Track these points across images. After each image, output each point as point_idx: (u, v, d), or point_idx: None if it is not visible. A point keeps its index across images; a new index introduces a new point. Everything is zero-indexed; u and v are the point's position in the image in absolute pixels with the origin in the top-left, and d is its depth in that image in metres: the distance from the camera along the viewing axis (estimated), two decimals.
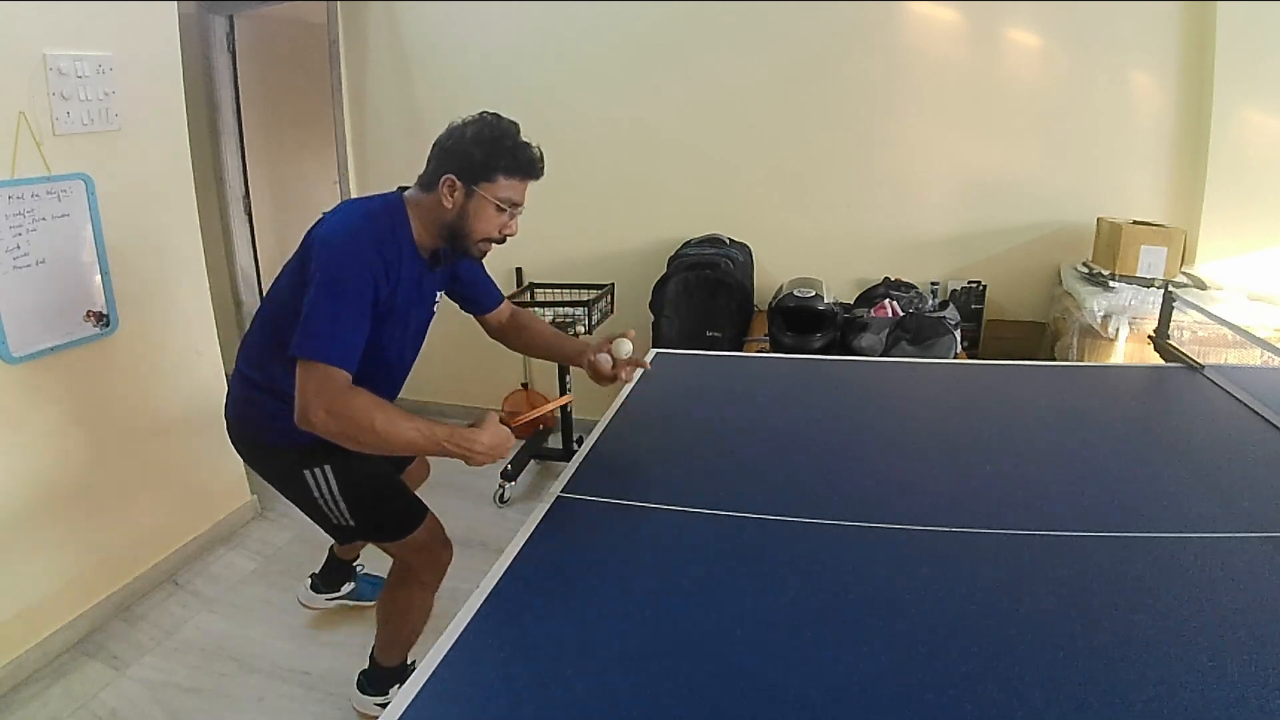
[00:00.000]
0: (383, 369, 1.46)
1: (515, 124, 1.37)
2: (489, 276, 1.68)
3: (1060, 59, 2.65)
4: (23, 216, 1.86)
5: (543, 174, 1.40)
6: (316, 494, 1.50)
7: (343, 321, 1.24)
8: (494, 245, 1.43)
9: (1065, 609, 0.95)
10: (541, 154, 1.39)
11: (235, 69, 3.53)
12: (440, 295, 1.56)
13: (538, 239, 3.24)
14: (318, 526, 1.62)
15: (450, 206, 1.35)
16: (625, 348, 1.51)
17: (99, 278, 2.07)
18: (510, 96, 3.11)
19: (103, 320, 2.09)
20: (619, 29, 2.99)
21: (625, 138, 3.09)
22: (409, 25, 3.25)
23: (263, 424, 1.48)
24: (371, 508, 1.55)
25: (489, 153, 1.33)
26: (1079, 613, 0.94)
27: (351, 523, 1.54)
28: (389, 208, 1.37)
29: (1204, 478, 1.32)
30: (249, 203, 3.68)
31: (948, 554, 1.09)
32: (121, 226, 2.13)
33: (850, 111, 2.85)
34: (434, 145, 1.39)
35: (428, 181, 1.38)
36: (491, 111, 1.37)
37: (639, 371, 1.62)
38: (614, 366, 1.52)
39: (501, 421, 1.33)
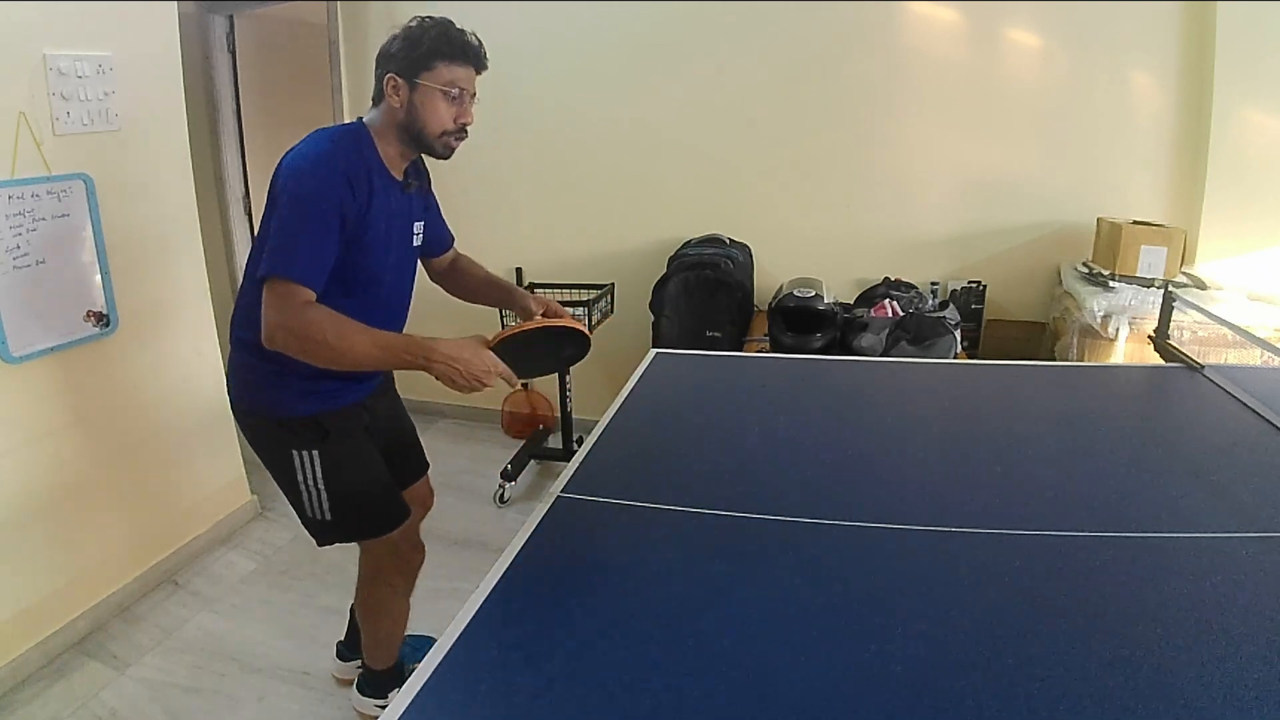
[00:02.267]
0: (379, 299, 1.44)
1: (447, 19, 1.38)
2: (443, 218, 1.68)
3: (1060, 59, 2.65)
4: (23, 216, 1.86)
5: (485, 62, 1.40)
6: (299, 477, 1.46)
7: (307, 239, 1.23)
8: (456, 139, 1.41)
9: (1065, 609, 0.95)
10: (480, 42, 1.40)
11: (235, 69, 3.53)
12: (420, 230, 1.53)
13: (538, 239, 3.25)
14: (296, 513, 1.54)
15: (398, 105, 1.36)
16: None
17: (99, 278, 2.07)
18: (511, 96, 3.11)
19: (103, 320, 2.09)
20: (619, 29, 2.99)
21: (625, 138, 3.09)
22: None
23: (257, 391, 1.45)
24: (352, 506, 1.50)
25: (421, 42, 1.34)
26: (1078, 612, 0.94)
27: (328, 516, 1.49)
28: (351, 131, 1.38)
29: (1204, 478, 1.32)
30: (249, 203, 3.68)
31: (948, 554, 1.09)
32: (121, 226, 2.13)
33: (850, 111, 2.85)
34: (374, 60, 1.40)
35: (375, 95, 1.40)
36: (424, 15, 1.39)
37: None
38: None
39: (484, 344, 1.27)
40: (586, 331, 1.40)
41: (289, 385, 1.41)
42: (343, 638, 1.94)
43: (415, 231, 1.52)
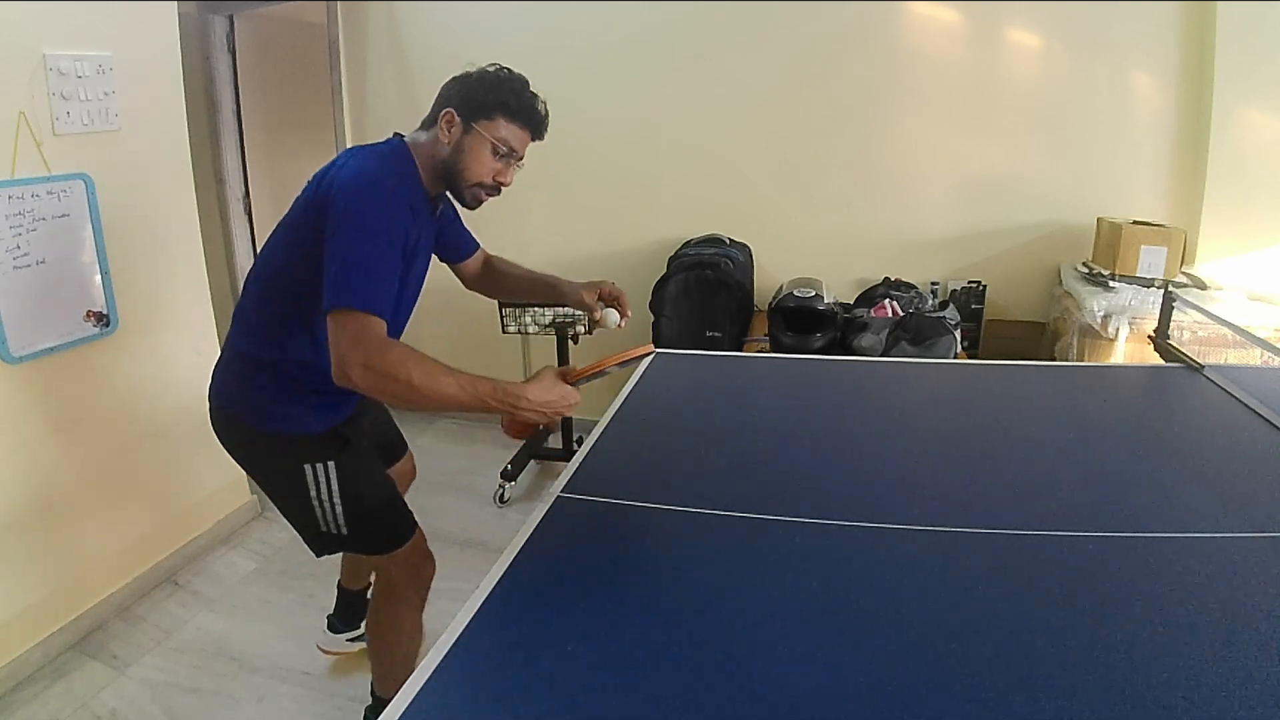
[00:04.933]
0: (392, 323, 1.39)
1: (525, 78, 1.35)
2: (462, 222, 1.63)
3: (1060, 59, 2.65)
4: (23, 216, 1.86)
5: (545, 133, 1.37)
6: (313, 492, 1.40)
7: (376, 269, 1.17)
8: (486, 194, 1.37)
9: (1064, 609, 0.95)
10: (547, 113, 1.36)
11: (235, 69, 3.53)
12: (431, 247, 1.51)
13: (538, 239, 3.25)
14: (298, 533, 1.50)
15: (446, 142, 1.32)
16: (612, 319, 1.57)
17: (99, 278, 2.07)
18: None
19: (103, 320, 2.09)
20: (619, 29, 2.99)
21: (625, 138, 3.09)
22: (409, 25, 3.25)
23: (262, 408, 1.38)
24: (368, 515, 1.45)
25: (493, 92, 1.31)
26: (1078, 613, 0.94)
27: (344, 529, 1.43)
28: (398, 151, 1.33)
29: (1204, 478, 1.32)
30: (249, 203, 3.68)
31: (948, 554, 1.09)
32: (121, 226, 2.13)
33: (850, 111, 2.85)
34: (440, 87, 1.36)
35: (429, 121, 1.35)
36: (504, 65, 1.36)
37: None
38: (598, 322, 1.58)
39: (563, 378, 1.24)
40: (653, 349, 1.43)
41: (304, 401, 1.37)
42: (332, 610, 1.97)
43: (431, 249, 1.49)
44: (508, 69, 1.35)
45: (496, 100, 1.31)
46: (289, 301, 1.32)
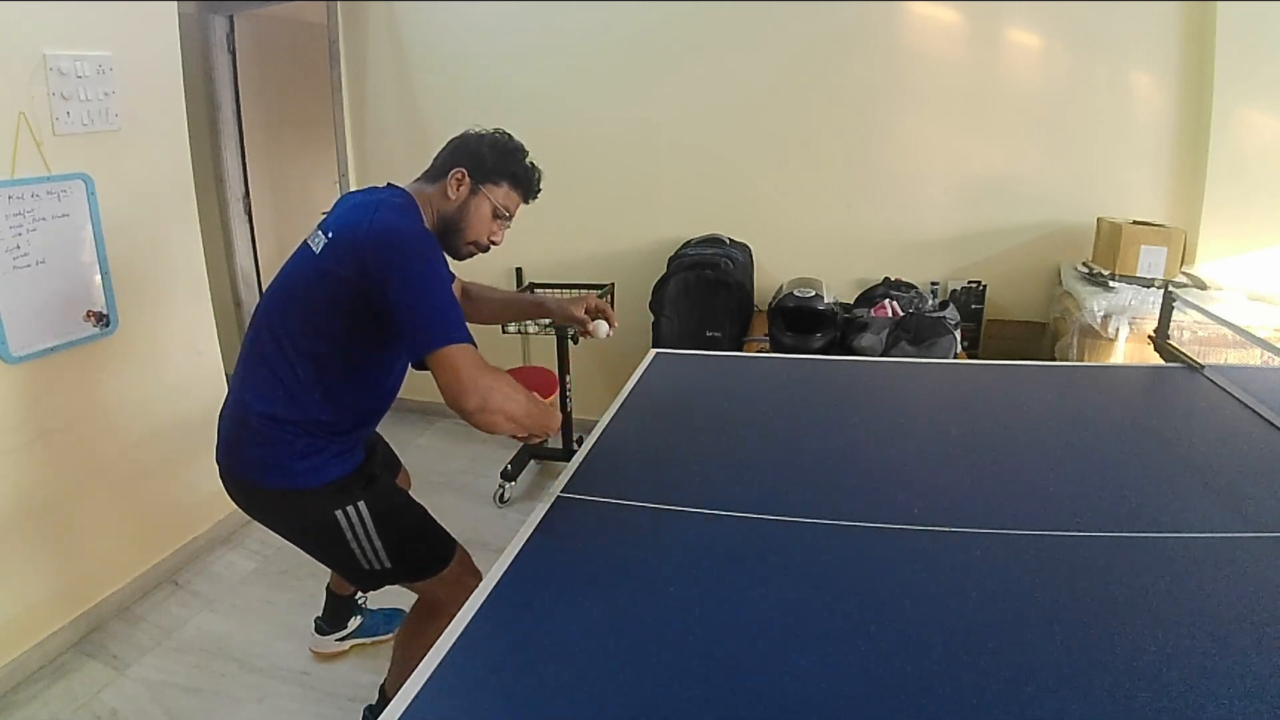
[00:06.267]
0: (392, 372, 1.46)
1: (524, 148, 1.47)
2: None
3: (1060, 59, 2.65)
4: (23, 216, 1.86)
5: (536, 199, 1.49)
6: (350, 535, 1.39)
7: (457, 309, 1.23)
8: (477, 250, 1.46)
9: (1064, 609, 0.95)
10: (540, 180, 1.48)
11: (235, 69, 3.54)
12: None
13: (538, 239, 3.25)
14: (344, 577, 1.53)
15: (453, 199, 1.40)
16: (602, 330, 1.66)
17: (99, 278, 2.08)
18: (510, 96, 3.11)
19: (103, 320, 2.09)
20: (619, 29, 2.99)
21: (625, 138, 3.09)
22: (409, 25, 3.26)
23: (289, 467, 1.37)
24: (407, 543, 1.46)
25: (502, 159, 1.42)
26: (1078, 612, 0.94)
27: (387, 563, 1.43)
28: (410, 202, 1.39)
29: (1204, 478, 1.32)
30: (249, 203, 3.69)
31: (948, 554, 1.09)
32: (121, 226, 2.13)
33: (850, 111, 2.85)
34: (449, 142, 1.45)
35: (435, 174, 1.43)
36: (506, 130, 1.48)
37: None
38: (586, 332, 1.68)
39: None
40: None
41: (325, 450, 1.38)
42: (320, 614, 1.99)
43: None
44: (508, 134, 1.46)
45: (506, 169, 1.42)
46: (315, 356, 1.34)
